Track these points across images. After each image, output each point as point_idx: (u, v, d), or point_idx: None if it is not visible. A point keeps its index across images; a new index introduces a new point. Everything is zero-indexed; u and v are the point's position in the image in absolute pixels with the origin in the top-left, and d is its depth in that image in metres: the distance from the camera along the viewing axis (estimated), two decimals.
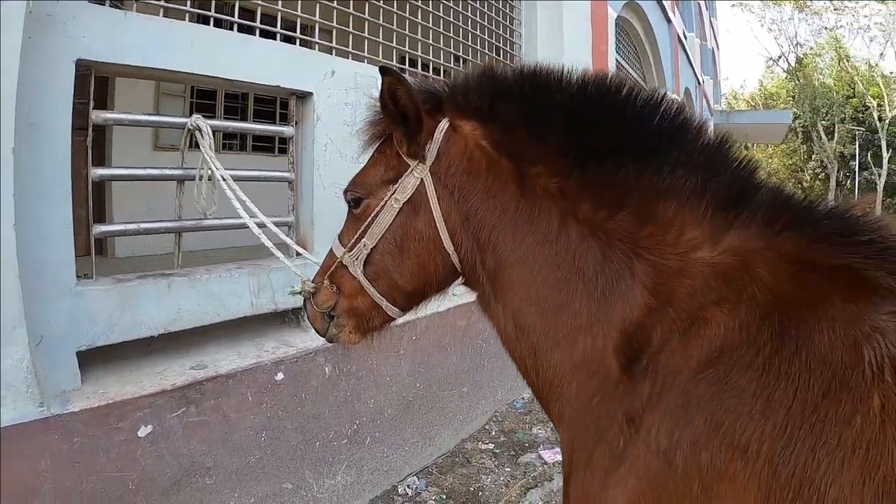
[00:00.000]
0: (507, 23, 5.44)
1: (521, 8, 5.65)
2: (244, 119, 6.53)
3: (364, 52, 3.58)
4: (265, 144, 7.19)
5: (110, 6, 2.30)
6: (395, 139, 1.44)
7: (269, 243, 1.99)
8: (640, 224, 1.25)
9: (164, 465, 2.38)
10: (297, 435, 2.88)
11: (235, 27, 2.72)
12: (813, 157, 47.74)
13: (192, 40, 2.43)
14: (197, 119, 2.32)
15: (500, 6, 5.33)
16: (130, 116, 2.47)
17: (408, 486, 3.57)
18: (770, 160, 47.09)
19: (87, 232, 2.27)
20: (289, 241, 2.09)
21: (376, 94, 1.41)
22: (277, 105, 6.82)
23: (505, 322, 1.41)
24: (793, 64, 47.51)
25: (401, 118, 1.40)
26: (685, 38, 16.09)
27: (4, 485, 1.89)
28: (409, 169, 1.42)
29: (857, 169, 44.31)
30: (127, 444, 2.24)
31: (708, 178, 1.24)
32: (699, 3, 20.56)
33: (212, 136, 2.34)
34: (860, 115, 44.64)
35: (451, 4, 4.54)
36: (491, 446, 4.10)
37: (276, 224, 2.18)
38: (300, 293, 1.63)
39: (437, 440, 3.91)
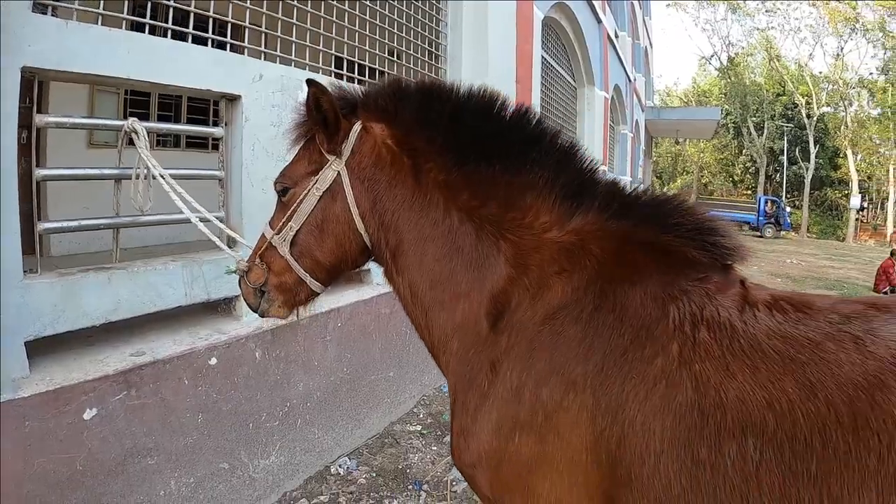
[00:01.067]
0: (434, 24, 5.75)
1: (448, 9, 5.97)
2: (179, 115, 6.67)
3: (292, 55, 3.84)
4: (200, 141, 7.32)
5: (43, 12, 2.51)
6: (317, 138, 1.75)
7: (206, 230, 2.25)
8: (505, 211, 1.62)
9: (108, 447, 2.58)
10: (231, 417, 3.13)
11: (169, 33, 2.95)
12: (744, 152, 49.85)
13: (129, 47, 2.65)
14: (133, 122, 2.55)
15: (426, 8, 5.64)
16: (71, 120, 2.67)
17: (339, 466, 3.88)
18: (702, 154, 48.77)
19: (31, 229, 2.47)
20: (223, 226, 2.35)
21: (302, 97, 1.73)
22: (212, 102, 6.97)
23: (404, 290, 1.76)
24: (724, 63, 49.45)
25: (322, 121, 1.71)
26: (616, 37, 16.76)
27: None
28: (329, 163, 1.74)
29: (785, 163, 46.44)
30: (74, 427, 2.43)
31: (558, 174, 1.62)
32: (632, 3, 21.30)
33: (147, 137, 2.57)
34: (790, 113, 46.94)
35: (378, 8, 4.82)
36: (419, 428, 4.43)
37: (208, 218, 2.44)
38: (235, 272, 1.91)
39: (366, 422, 4.22)
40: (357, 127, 1.73)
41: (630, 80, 19.67)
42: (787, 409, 1.21)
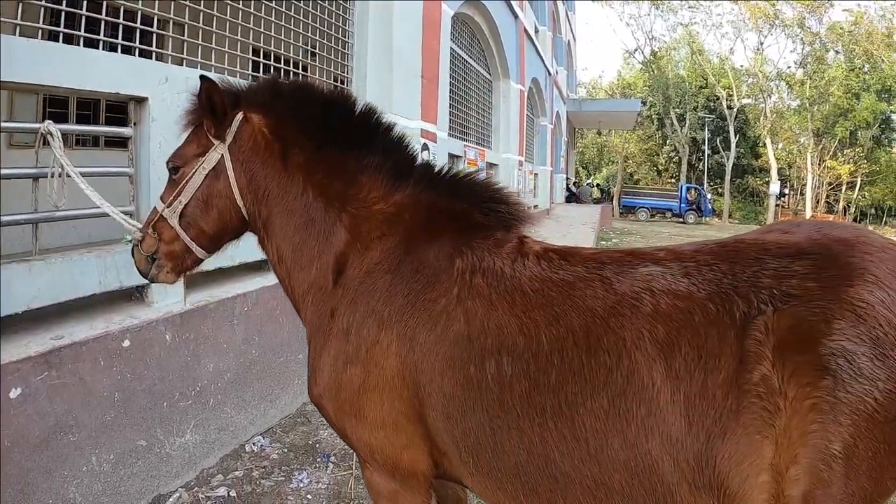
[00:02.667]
0: (341, 24, 6.16)
1: (355, 9, 6.38)
2: (97, 114, 6.88)
3: (198, 57, 4.19)
4: (120, 139, 7.52)
5: None
6: (205, 125, 2.18)
7: (111, 209, 2.61)
8: (347, 188, 2.12)
9: (33, 424, 2.87)
10: (146, 396, 3.47)
11: (82, 41, 3.29)
12: (667, 142, 51.82)
13: (48, 57, 2.99)
14: (48, 124, 2.87)
15: (333, 8, 6.04)
16: None
17: (254, 444, 4.26)
18: (627, 145, 50.41)
19: None
20: (128, 219, 2.72)
21: (196, 85, 2.16)
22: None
23: (273, 255, 2.24)
24: (648, 56, 51.39)
25: (211, 111, 2.14)
26: (537, 31, 17.50)
27: None
28: (214, 146, 2.16)
29: (706, 153, 48.65)
30: (0, 406, 2.73)
31: (387, 159, 2.15)
32: None
33: (61, 139, 2.90)
34: (712, 104, 49.16)
35: (284, 9, 5.20)
36: None
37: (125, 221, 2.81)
38: (131, 241, 2.32)
39: (279, 402, 4.62)
40: (239, 116, 2.15)
41: (550, 74, 20.50)
42: (534, 333, 1.69)
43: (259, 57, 5.14)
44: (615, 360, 1.62)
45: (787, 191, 54.76)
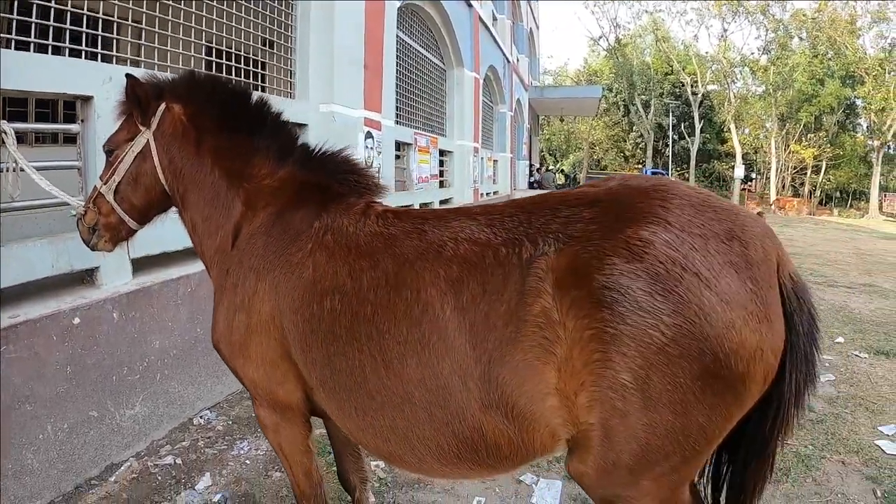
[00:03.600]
0: (283, 18, 6.55)
1: (298, 4, 6.78)
2: (56, 111, 7.20)
3: (154, 59, 4.58)
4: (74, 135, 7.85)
5: None
6: (134, 114, 2.62)
7: (62, 195, 3.04)
8: (244, 167, 2.57)
9: None
10: (96, 370, 3.86)
11: (33, 46, 3.67)
12: (634, 128, 52.65)
13: (5, 62, 3.38)
14: (3, 124, 3.26)
15: (276, 4, 6.44)
16: None
17: (201, 417, 4.69)
18: (593, 132, 51.16)
19: None
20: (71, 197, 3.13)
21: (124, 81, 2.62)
22: None
23: (188, 225, 2.71)
24: (612, 44, 52.19)
25: (136, 103, 2.58)
26: (495, 20, 17.96)
27: None
28: (141, 133, 2.60)
29: (671, 138, 49.61)
30: None
31: (274, 141, 2.61)
32: None
33: (14, 136, 3.28)
34: (677, 91, 50.15)
35: (226, 7, 5.58)
36: None
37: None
38: (75, 215, 2.78)
39: (225, 379, 5.05)
40: (162, 107, 2.58)
41: (509, 62, 20.94)
42: (358, 276, 2.12)
43: (212, 56, 5.55)
44: (414, 296, 1.96)
45: (754, 175, 56.06)
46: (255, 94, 2.67)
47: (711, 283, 1.64)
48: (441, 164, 12.85)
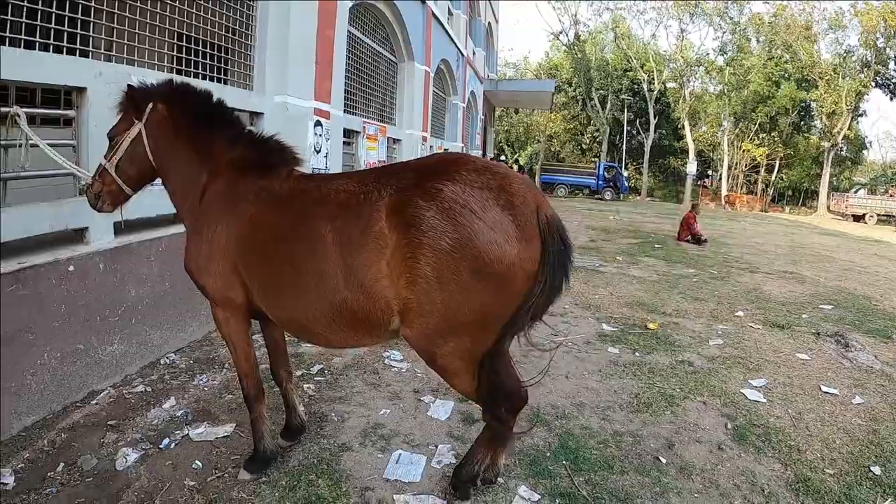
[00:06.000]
0: (244, 19, 7.47)
1: (257, 6, 7.70)
2: (58, 98, 8.00)
3: (134, 55, 5.51)
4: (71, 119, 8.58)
5: None
6: (131, 111, 3.62)
7: (72, 166, 4.06)
8: (209, 149, 3.58)
9: (4, 323, 4.00)
10: (84, 310, 4.75)
11: (37, 45, 4.57)
12: (591, 122, 53.77)
13: (13, 60, 4.22)
14: (16, 108, 4.18)
15: (238, 6, 7.34)
16: None
17: (167, 359, 5.66)
18: (551, 124, 52.15)
19: None
20: (82, 170, 4.10)
21: (125, 87, 3.60)
22: None
23: (170, 189, 3.74)
24: (571, 39, 53.24)
25: (133, 104, 3.60)
26: (451, 14, 18.97)
27: None
28: (136, 124, 3.57)
29: (628, 133, 50.97)
30: None
31: (228, 130, 3.64)
32: None
33: (26, 117, 4.19)
34: (636, 87, 51.33)
35: (187, 7, 6.52)
36: None
37: (70, 171, 4.20)
38: (84, 185, 3.81)
39: (188, 329, 6.06)
40: (150, 106, 3.53)
41: (463, 55, 21.92)
42: (279, 216, 3.22)
43: (185, 42, 6.46)
44: (309, 225, 3.03)
45: (710, 172, 57.68)
46: (216, 96, 3.67)
47: (480, 215, 2.70)
48: (392, 151, 13.83)
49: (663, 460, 4.13)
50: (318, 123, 8.66)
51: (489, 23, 30.57)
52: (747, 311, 8.83)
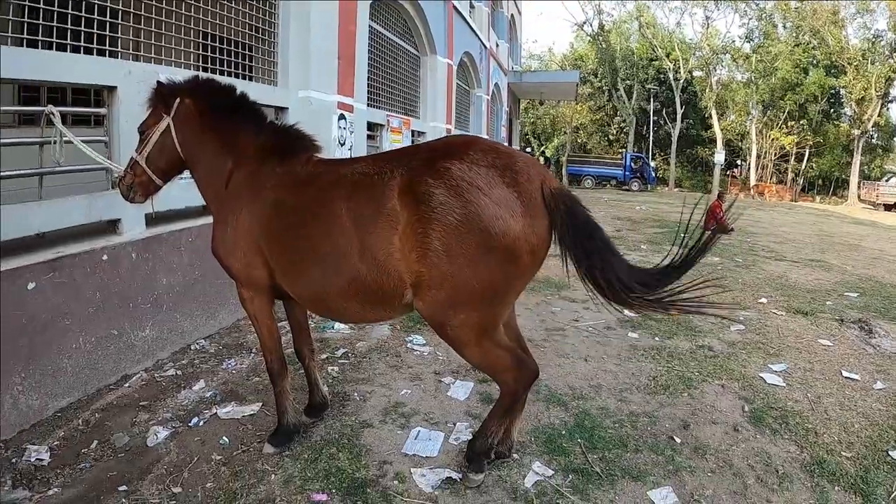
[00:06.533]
0: (268, 17, 7.66)
1: (279, 5, 7.87)
2: (88, 97, 8.30)
3: (151, 53, 5.71)
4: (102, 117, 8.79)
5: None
6: (160, 106, 3.77)
7: (107, 161, 4.24)
8: (234, 140, 3.73)
9: (40, 309, 4.21)
10: (117, 297, 4.96)
11: (68, 48, 4.77)
12: (618, 112, 53.32)
13: (48, 62, 4.46)
14: (51, 108, 4.40)
15: (261, 5, 7.54)
16: (12, 108, 4.50)
17: (197, 344, 5.86)
18: (577, 116, 51.77)
19: None
20: (115, 164, 4.30)
21: (154, 84, 3.75)
22: None
23: (198, 180, 3.89)
24: (596, 30, 52.81)
25: (162, 99, 3.75)
26: (472, 8, 19.10)
27: None
28: (165, 119, 3.72)
29: (655, 123, 50.45)
30: (21, 294, 4.08)
31: (251, 121, 3.79)
32: None
33: (59, 116, 4.40)
34: (662, 76, 50.78)
35: (212, 8, 6.73)
36: None
37: (103, 165, 4.40)
38: (117, 177, 3.97)
39: (218, 316, 6.25)
40: (178, 101, 3.68)
41: (486, 47, 22.00)
42: (298, 197, 3.39)
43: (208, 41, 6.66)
44: (328, 206, 3.19)
45: (739, 161, 56.97)
46: (239, 90, 3.81)
47: (487, 192, 2.85)
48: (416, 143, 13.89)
49: (678, 440, 4.18)
50: (341, 117, 8.84)
51: (512, 15, 30.52)
52: (771, 298, 8.79)
